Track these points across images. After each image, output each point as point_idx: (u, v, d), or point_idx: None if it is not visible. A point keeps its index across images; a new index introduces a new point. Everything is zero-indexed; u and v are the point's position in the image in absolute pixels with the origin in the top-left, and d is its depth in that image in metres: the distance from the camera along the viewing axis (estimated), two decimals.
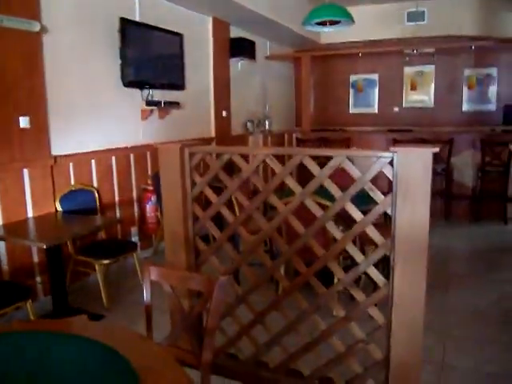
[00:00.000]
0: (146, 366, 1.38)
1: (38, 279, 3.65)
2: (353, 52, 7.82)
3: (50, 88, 3.73)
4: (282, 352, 2.58)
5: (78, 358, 1.46)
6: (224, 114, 6.33)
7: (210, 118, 6.15)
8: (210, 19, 5.95)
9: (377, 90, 8.68)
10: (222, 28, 6.14)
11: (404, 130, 7.42)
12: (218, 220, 2.83)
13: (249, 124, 7.04)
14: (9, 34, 3.31)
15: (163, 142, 4.55)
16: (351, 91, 8.87)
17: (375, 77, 8.63)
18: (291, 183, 2.40)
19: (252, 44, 6.71)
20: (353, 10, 5.11)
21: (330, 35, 7.79)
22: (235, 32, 6.47)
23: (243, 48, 6.47)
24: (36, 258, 3.65)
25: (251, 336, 2.67)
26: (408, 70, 8.35)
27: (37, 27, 3.46)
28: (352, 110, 8.90)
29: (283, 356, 2.57)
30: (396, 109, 8.55)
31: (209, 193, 2.67)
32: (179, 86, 5.28)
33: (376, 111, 8.70)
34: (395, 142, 5.88)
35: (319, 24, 4.51)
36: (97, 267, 3.68)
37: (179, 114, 5.37)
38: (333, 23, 4.49)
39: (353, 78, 8.79)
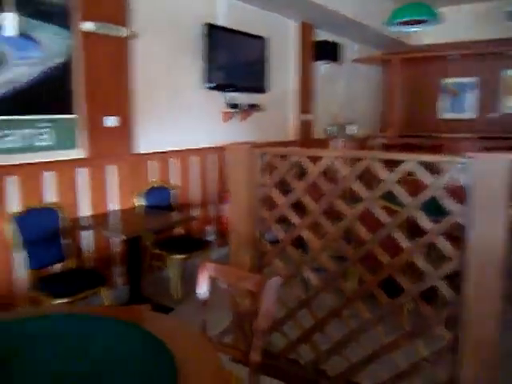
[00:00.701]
0: (185, 355, 1.40)
1: (117, 269, 3.87)
2: (446, 54, 7.40)
3: (136, 90, 3.95)
4: (343, 362, 2.50)
5: (115, 340, 1.51)
6: (305, 117, 6.30)
7: (290, 121, 6.16)
8: (294, 22, 5.96)
9: (471, 95, 8.13)
10: (306, 31, 6.12)
11: (498, 138, 6.87)
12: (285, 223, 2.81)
13: (331, 128, 6.94)
14: (100, 39, 3.55)
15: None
16: (442, 95, 8.39)
17: (470, 80, 8.09)
18: (358, 187, 2.32)
19: (336, 47, 6.61)
20: (446, 9, 4.84)
21: (419, 36, 7.45)
22: (321, 35, 6.42)
23: (327, 51, 6.41)
24: (116, 249, 3.87)
25: (312, 342, 2.62)
26: (508, 73, 7.73)
27: (125, 33, 3.68)
28: (442, 116, 8.42)
29: (343, 366, 2.49)
30: (493, 115, 7.94)
31: (275, 194, 2.66)
32: (261, 88, 5.34)
33: (469, 117, 8.15)
34: (486, 151, 5.46)
35: (404, 24, 4.32)
36: (171, 262, 3.84)
37: (260, 116, 5.44)
38: (417, 23, 4.28)
39: (444, 81, 8.32)
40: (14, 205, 3.21)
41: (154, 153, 4.20)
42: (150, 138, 4.15)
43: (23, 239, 3.17)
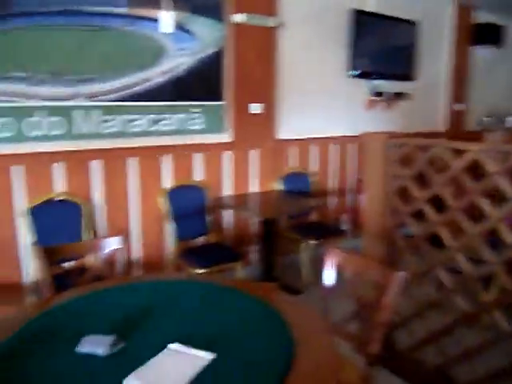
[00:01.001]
0: (303, 335, 1.47)
1: (252, 248, 4.09)
2: None
3: (281, 78, 4.08)
4: (473, 371, 2.34)
5: (241, 311, 1.64)
6: (457, 107, 5.85)
7: (440, 110, 5.78)
8: (450, 4, 5.53)
9: None
10: (463, 13, 5.64)
11: None
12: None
13: (487, 120, 6.34)
14: (250, 30, 3.75)
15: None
16: None
17: None
18: (505, 185, 2.12)
19: (499, 29, 5.97)
20: None
21: None
22: (481, 17, 5.86)
23: (488, 34, 5.82)
24: (253, 229, 4.09)
25: (440, 345, 2.50)
26: None
27: (273, 23, 3.82)
28: None
29: (473, 376, 2.33)
30: None
31: (412, 187, 2.57)
32: (409, 76, 5.10)
33: None
34: None
35: None
36: (303, 246, 3.94)
37: (406, 105, 5.21)
38: None
39: None
40: (167, 181, 3.59)
41: (295, 139, 4.31)
42: (291, 125, 4.26)
43: (173, 212, 3.54)
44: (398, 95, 4.97)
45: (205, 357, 1.35)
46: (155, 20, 3.26)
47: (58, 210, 3.13)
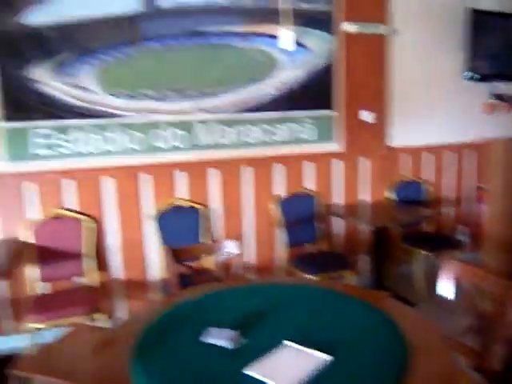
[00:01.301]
0: (418, 345, 1.46)
1: (363, 257, 4.05)
2: None
3: (393, 85, 4.01)
4: None
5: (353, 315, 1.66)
6: None
7: None
8: None
9: None
10: None
11: None
12: None
13: None
14: (360, 39, 3.75)
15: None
16: None
17: None
18: None
19: None
20: None
21: None
22: None
23: None
24: (364, 237, 4.05)
25: None
26: None
27: (383, 30, 3.79)
28: None
29: None
30: None
31: None
32: None
33: None
34: None
35: None
36: (417, 257, 3.82)
37: None
38: None
39: None
40: (279, 189, 3.72)
41: (408, 147, 4.19)
42: (404, 132, 4.15)
43: (285, 219, 3.66)
44: None
45: (321, 357, 1.41)
46: (269, 36, 3.42)
47: (180, 215, 3.41)
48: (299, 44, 3.56)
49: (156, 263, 3.41)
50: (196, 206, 3.46)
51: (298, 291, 2.00)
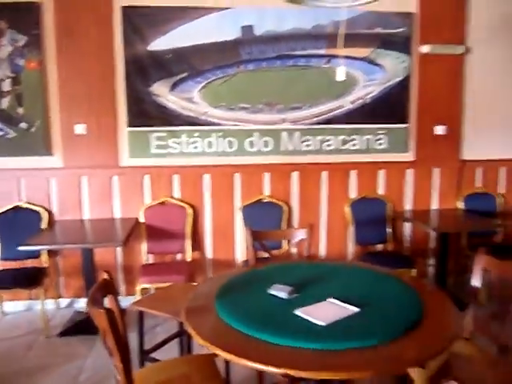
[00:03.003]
0: (432, 309, 1.89)
1: (428, 261, 4.35)
2: None
3: (468, 101, 4.28)
4: None
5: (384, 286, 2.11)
6: None
7: None
8: None
9: None
10: None
11: None
12: None
13: None
14: (436, 59, 4.09)
15: None
16: None
17: None
18: None
19: None
20: None
21: None
22: None
23: None
24: (432, 244, 4.35)
25: None
26: None
27: (461, 50, 4.09)
28: None
29: None
30: None
31: None
32: None
33: None
34: None
35: None
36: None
37: None
38: None
39: None
40: (353, 193, 4.18)
41: (482, 160, 4.39)
42: (480, 146, 4.36)
43: (356, 220, 4.10)
44: None
45: (352, 309, 1.90)
46: (348, 57, 3.91)
47: (264, 209, 4.02)
48: (376, 64, 4.01)
49: (241, 247, 4.04)
50: (278, 202, 4.05)
51: (347, 268, 2.49)
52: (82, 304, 3.89)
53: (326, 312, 1.87)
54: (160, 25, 3.73)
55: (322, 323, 1.77)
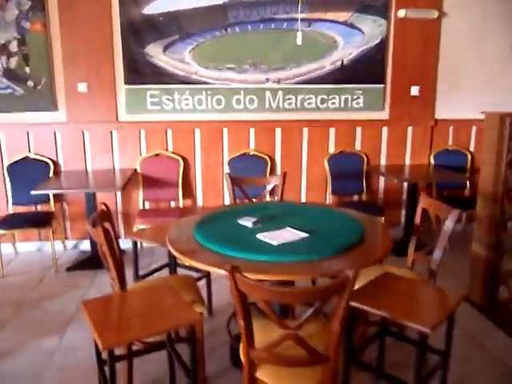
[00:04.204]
0: (371, 233, 2.33)
1: (398, 211, 4.79)
2: None
3: (441, 63, 4.59)
4: None
5: (337, 219, 2.54)
6: None
7: None
8: None
9: None
10: None
11: None
12: None
13: None
14: (411, 22, 4.39)
15: None
16: None
17: None
18: None
19: None
20: None
21: None
22: None
23: None
24: (402, 194, 4.76)
25: None
26: None
27: (435, 14, 4.37)
28: None
29: None
30: None
31: None
32: None
33: None
34: None
35: None
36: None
37: None
38: None
39: None
40: (332, 148, 4.57)
41: (456, 119, 4.73)
42: (452, 106, 4.68)
43: (333, 173, 4.51)
44: None
45: (303, 234, 2.33)
46: (330, 21, 4.22)
47: (250, 161, 4.43)
48: (355, 27, 4.32)
49: (228, 196, 4.47)
50: (263, 155, 4.45)
51: (308, 207, 2.91)
52: (86, 245, 4.38)
53: (280, 236, 2.30)
54: None
55: (275, 243, 2.21)
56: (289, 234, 2.33)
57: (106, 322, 1.99)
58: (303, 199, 4.63)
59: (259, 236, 2.31)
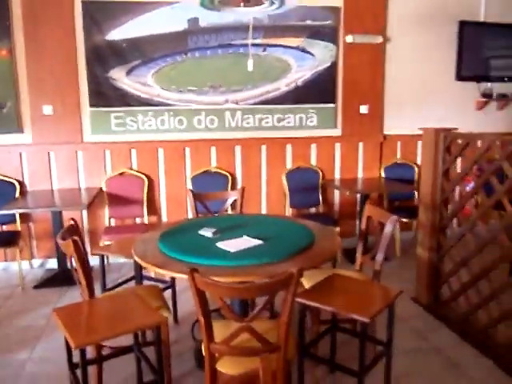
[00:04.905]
0: (320, 239, 2.58)
1: (353, 222, 5.10)
2: None
3: (388, 83, 4.99)
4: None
5: (286, 227, 2.79)
6: None
7: None
8: None
9: None
10: None
11: None
12: None
13: None
14: (358, 47, 4.77)
15: (502, 132, 5.09)
16: None
17: None
18: None
19: None
20: None
21: None
22: None
23: None
24: (357, 207, 5.09)
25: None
26: None
27: (380, 39, 4.77)
28: None
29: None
30: None
31: (454, 170, 3.36)
32: None
33: None
34: None
35: None
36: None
37: None
38: None
39: None
40: (289, 164, 4.86)
41: (403, 135, 5.11)
42: (399, 123, 5.07)
43: (291, 187, 4.79)
44: (505, 96, 5.33)
45: (258, 242, 2.56)
46: (283, 46, 4.54)
47: (212, 178, 4.66)
48: (307, 52, 4.66)
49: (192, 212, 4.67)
50: (224, 172, 4.69)
51: (263, 218, 3.15)
52: (53, 264, 4.47)
53: (238, 244, 2.53)
54: (116, 17, 4.27)
55: (232, 250, 2.43)
56: (245, 242, 2.56)
57: (77, 324, 2.15)
58: (263, 212, 4.88)
59: (219, 244, 2.53)
